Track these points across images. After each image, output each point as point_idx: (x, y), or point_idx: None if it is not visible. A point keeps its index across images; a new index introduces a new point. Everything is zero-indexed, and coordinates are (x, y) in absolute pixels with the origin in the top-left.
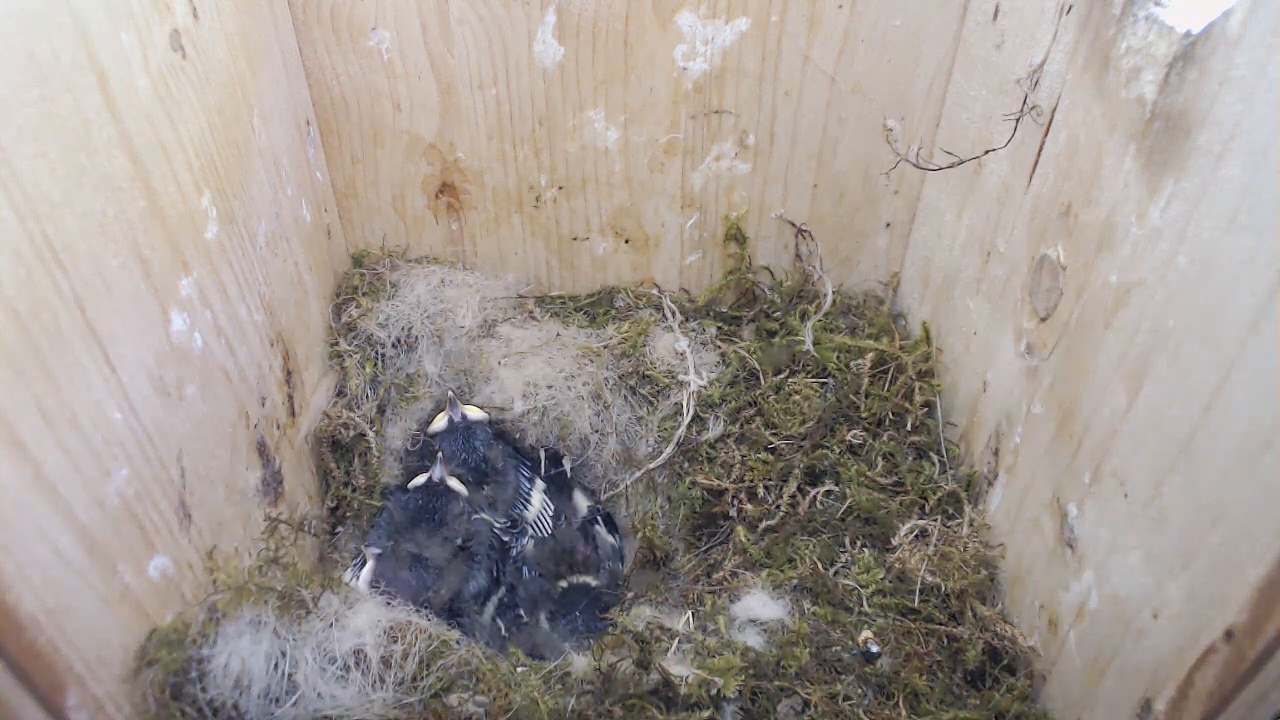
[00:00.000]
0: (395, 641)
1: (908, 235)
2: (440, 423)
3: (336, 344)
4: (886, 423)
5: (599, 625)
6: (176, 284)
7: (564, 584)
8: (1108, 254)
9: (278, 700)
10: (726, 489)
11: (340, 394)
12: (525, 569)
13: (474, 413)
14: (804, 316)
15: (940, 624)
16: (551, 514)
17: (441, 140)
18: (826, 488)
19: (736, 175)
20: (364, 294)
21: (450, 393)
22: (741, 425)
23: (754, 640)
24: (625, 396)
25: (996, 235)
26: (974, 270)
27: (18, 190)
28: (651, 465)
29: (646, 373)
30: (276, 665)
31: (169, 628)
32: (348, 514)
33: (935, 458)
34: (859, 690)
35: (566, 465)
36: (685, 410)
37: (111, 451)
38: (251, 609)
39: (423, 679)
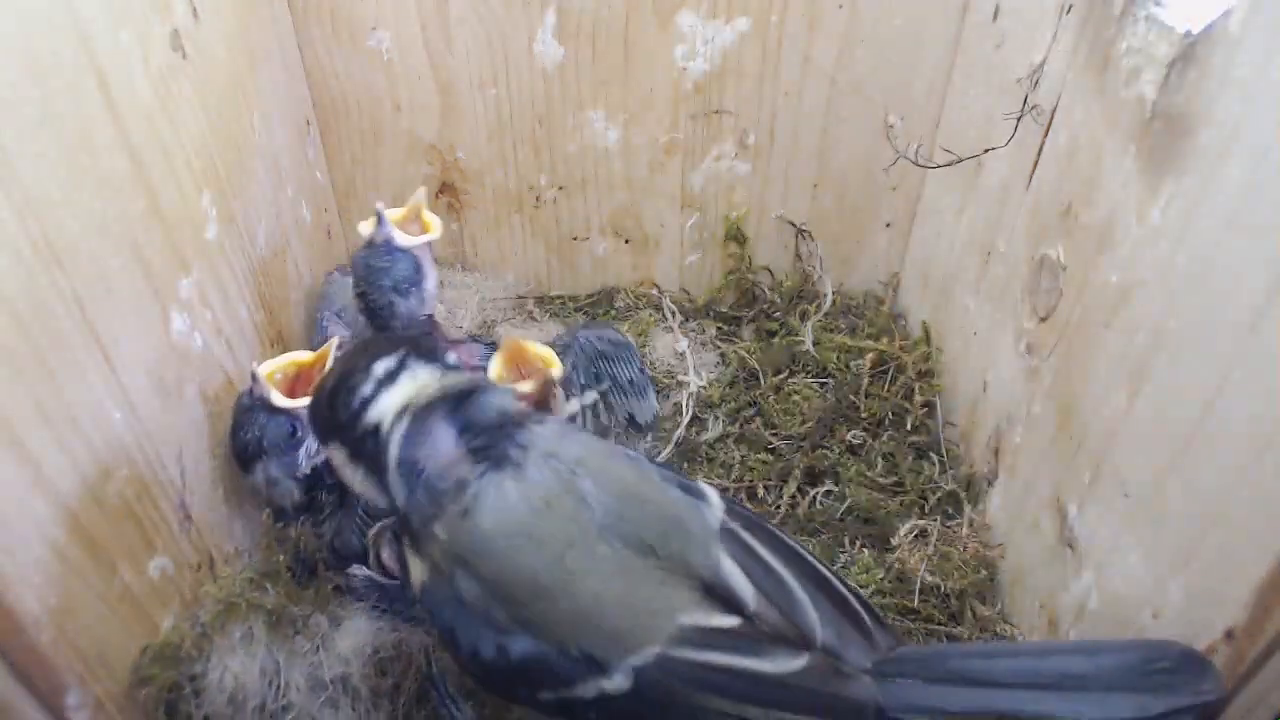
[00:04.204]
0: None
1: (908, 235)
2: None
3: None
4: (886, 423)
5: None
6: (176, 284)
7: None
8: (1108, 254)
9: (273, 716)
10: (726, 489)
11: None
12: None
13: None
14: (804, 316)
15: (940, 624)
16: None
17: (441, 140)
18: (826, 488)
19: (736, 175)
20: None
21: None
22: (741, 425)
23: None
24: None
25: (996, 235)
26: (974, 270)
27: (18, 190)
28: None
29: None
30: (271, 682)
31: (162, 643)
32: None
33: (935, 458)
34: None
35: None
36: (685, 410)
37: (111, 451)
38: (242, 625)
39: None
